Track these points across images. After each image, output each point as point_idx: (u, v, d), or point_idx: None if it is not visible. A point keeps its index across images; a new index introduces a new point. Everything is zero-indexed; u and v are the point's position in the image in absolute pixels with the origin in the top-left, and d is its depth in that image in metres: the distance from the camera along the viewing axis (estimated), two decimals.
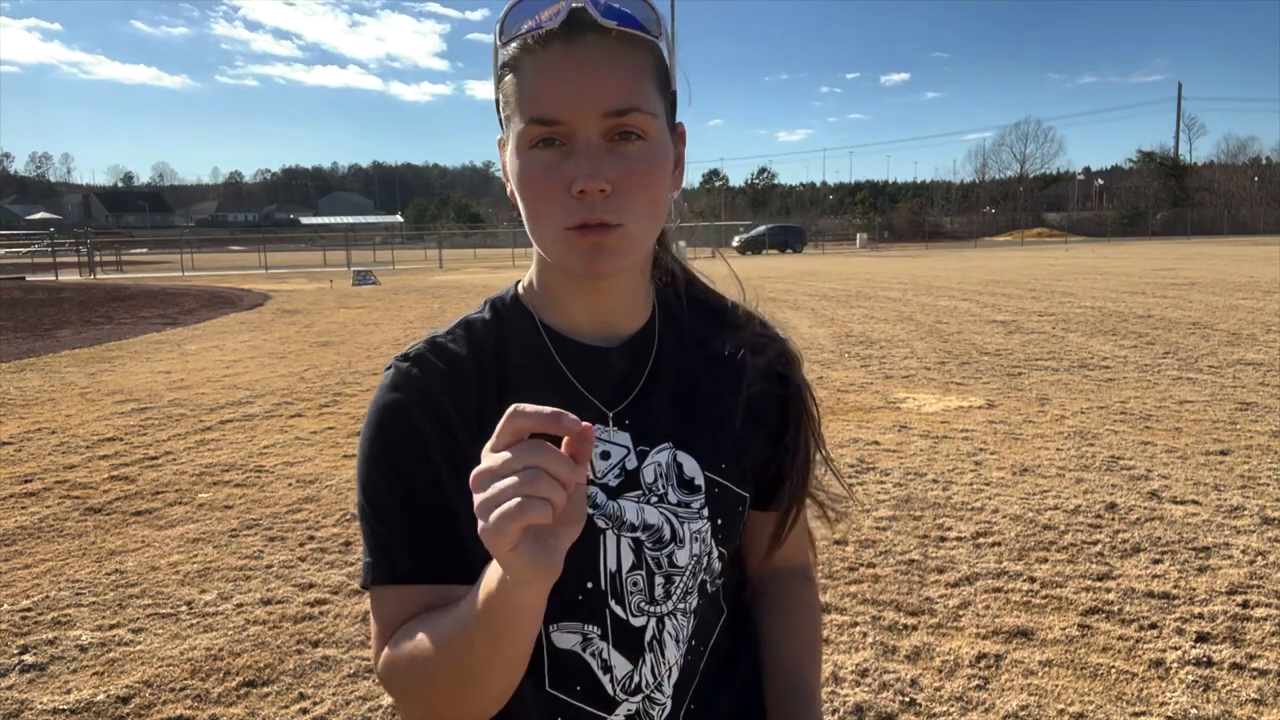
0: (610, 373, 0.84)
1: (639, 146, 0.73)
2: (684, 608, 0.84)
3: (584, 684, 0.82)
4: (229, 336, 12.02)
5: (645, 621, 0.82)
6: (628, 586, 0.81)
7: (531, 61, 0.73)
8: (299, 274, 30.62)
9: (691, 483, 0.84)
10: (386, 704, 2.70)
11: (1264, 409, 6.15)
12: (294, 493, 4.78)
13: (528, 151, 0.74)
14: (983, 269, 25.05)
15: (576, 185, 0.71)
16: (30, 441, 6.01)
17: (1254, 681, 2.71)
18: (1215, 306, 12.62)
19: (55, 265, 32.80)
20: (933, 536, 3.93)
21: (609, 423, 0.82)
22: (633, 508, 0.81)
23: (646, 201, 0.74)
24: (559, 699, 0.82)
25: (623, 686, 0.82)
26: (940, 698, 2.68)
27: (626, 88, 0.72)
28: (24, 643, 3.13)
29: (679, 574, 0.82)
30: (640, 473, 0.82)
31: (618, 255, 0.75)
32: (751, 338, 0.91)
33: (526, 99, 0.73)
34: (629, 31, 0.73)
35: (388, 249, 46.74)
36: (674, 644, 0.84)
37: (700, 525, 0.84)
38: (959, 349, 9.34)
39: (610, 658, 0.81)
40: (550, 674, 0.82)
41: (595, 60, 0.71)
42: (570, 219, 0.73)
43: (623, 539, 0.81)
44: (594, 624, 0.81)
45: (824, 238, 65.43)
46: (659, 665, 0.83)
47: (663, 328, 0.88)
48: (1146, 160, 74.47)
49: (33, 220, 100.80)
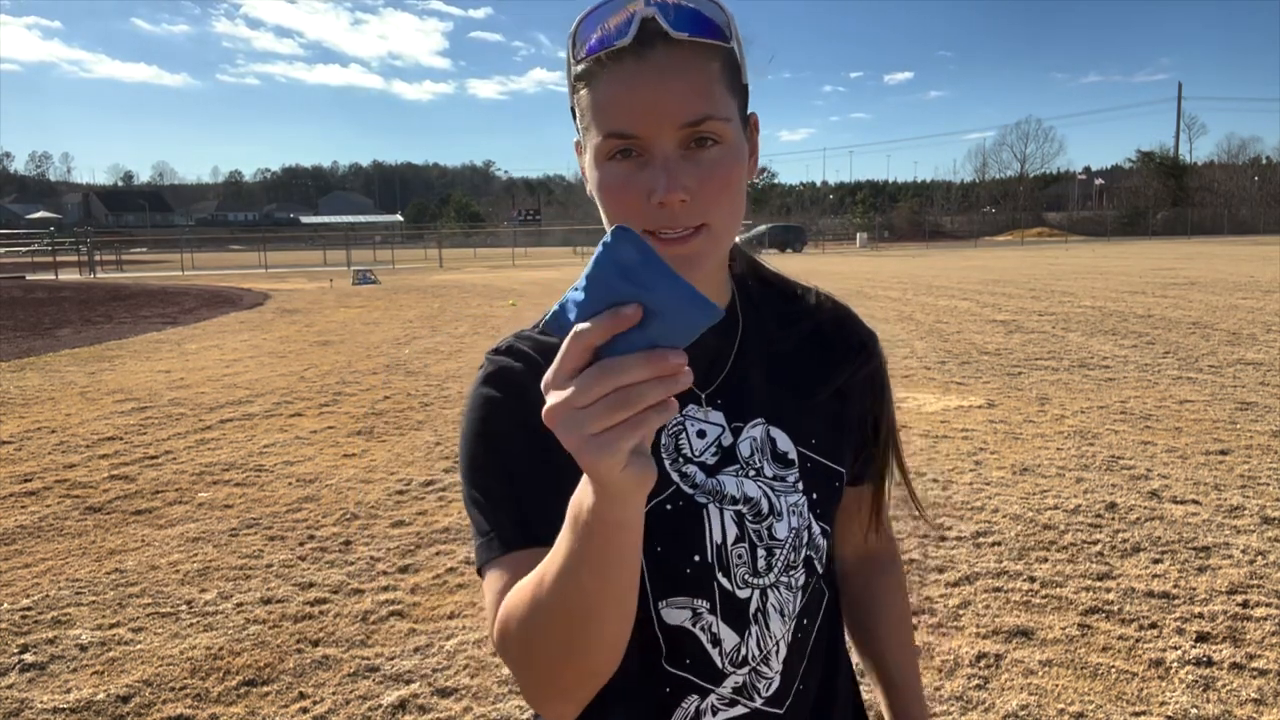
0: (701, 354, 0.85)
1: (715, 151, 0.74)
2: (787, 581, 0.85)
3: (694, 657, 0.84)
4: (229, 336, 12.02)
5: (750, 594, 0.84)
6: (733, 559, 0.83)
7: (605, 75, 0.73)
8: (299, 273, 30.62)
9: (785, 457, 0.86)
10: (386, 704, 2.70)
11: (1264, 409, 6.15)
12: (294, 492, 4.78)
13: (606, 163, 0.75)
14: (983, 268, 25.05)
15: (655, 197, 0.72)
16: (30, 441, 6.01)
17: (1254, 681, 2.71)
18: (1215, 306, 12.62)
19: (55, 264, 32.82)
20: (933, 536, 3.93)
21: (702, 403, 0.85)
22: (732, 481, 0.83)
23: (727, 200, 0.76)
24: (671, 673, 0.84)
25: (730, 659, 0.84)
26: (940, 697, 2.68)
27: (699, 97, 0.72)
28: (24, 642, 3.13)
29: (779, 547, 0.84)
30: (736, 448, 0.85)
31: (703, 258, 0.77)
32: (831, 315, 0.95)
33: (601, 113, 0.74)
34: (700, 40, 0.73)
35: (388, 248, 46.77)
36: (779, 618, 0.85)
37: (797, 499, 0.86)
38: (959, 348, 9.34)
39: (719, 630, 0.83)
40: (666, 650, 0.84)
41: (667, 72, 0.72)
42: (653, 224, 0.75)
43: (725, 512, 0.83)
44: (703, 598, 0.83)
45: (824, 237, 65.44)
46: (764, 638, 0.85)
47: (744, 308, 0.91)
48: (1146, 160, 74.51)
49: (32, 219, 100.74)
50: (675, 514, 0.82)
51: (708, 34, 0.73)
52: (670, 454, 0.83)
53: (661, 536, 0.81)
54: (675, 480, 0.83)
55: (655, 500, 0.81)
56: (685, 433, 0.84)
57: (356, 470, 5.18)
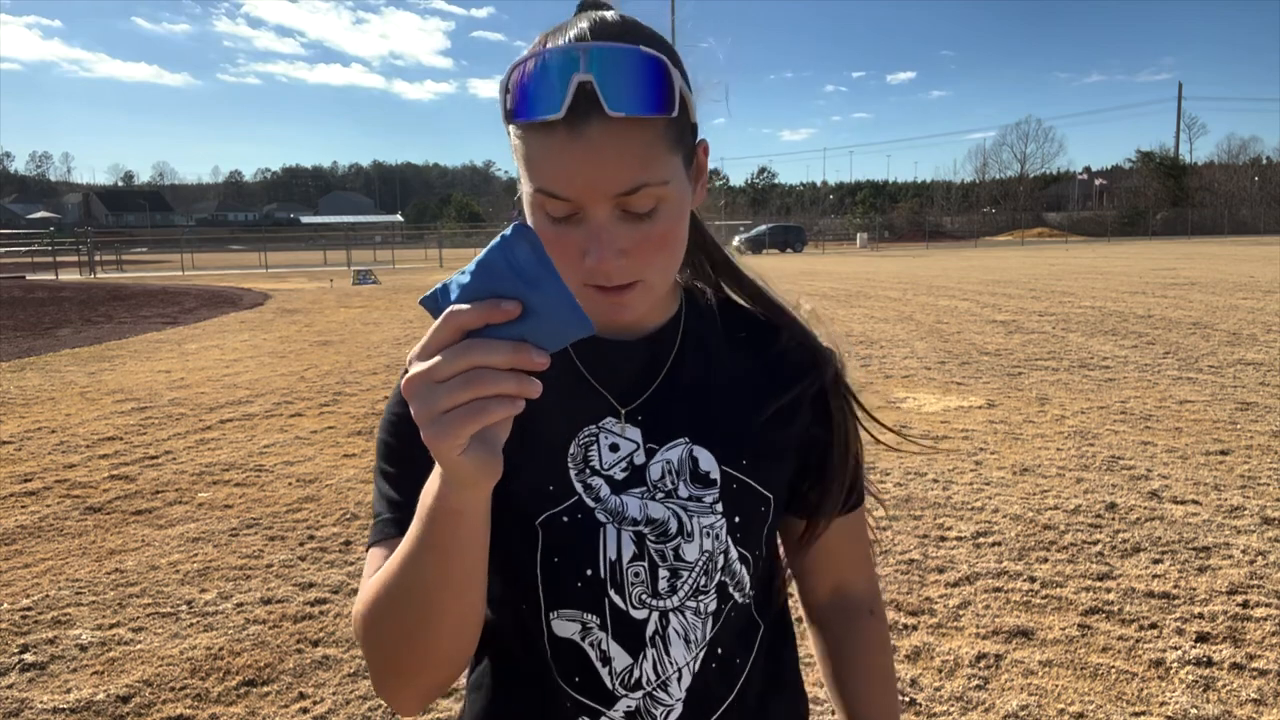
0: (626, 368, 0.84)
1: (652, 214, 0.71)
2: (695, 606, 0.81)
3: (582, 675, 0.81)
4: (229, 336, 12.02)
5: (647, 615, 0.80)
6: (628, 577, 0.80)
7: (535, 139, 0.69)
8: (299, 273, 30.61)
9: (706, 477, 0.82)
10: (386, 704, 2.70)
11: (1264, 409, 6.15)
12: (294, 492, 4.78)
13: (540, 213, 0.72)
14: (983, 269, 25.05)
15: (589, 260, 0.70)
16: (30, 441, 6.01)
17: (1254, 681, 2.71)
18: (1215, 306, 12.62)
19: (55, 264, 32.80)
20: (933, 536, 3.93)
21: (621, 418, 0.82)
22: (636, 504, 0.80)
23: (663, 258, 0.74)
24: (561, 688, 0.82)
25: (621, 681, 0.80)
26: (940, 697, 2.68)
27: (635, 168, 0.69)
28: (24, 642, 3.13)
29: (686, 569, 0.80)
30: (647, 469, 0.81)
31: (638, 306, 0.75)
32: (788, 337, 0.89)
33: (533, 169, 0.70)
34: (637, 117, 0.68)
35: (388, 248, 46.77)
36: (683, 643, 0.81)
37: (713, 520, 0.81)
38: (959, 349, 9.34)
39: (609, 649, 0.80)
40: (554, 663, 0.82)
41: (602, 149, 0.67)
42: (588, 279, 0.72)
43: (625, 531, 0.80)
44: (593, 613, 0.80)
45: (824, 237, 65.45)
46: (663, 663, 0.81)
47: (688, 325, 0.87)
48: (1146, 160, 74.50)
49: (33, 219, 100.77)
50: (572, 525, 0.79)
51: (649, 108, 0.67)
52: (578, 464, 0.81)
53: (557, 547, 0.79)
54: (579, 491, 0.80)
55: (554, 510, 0.79)
56: (597, 444, 0.81)
57: (356, 470, 5.18)
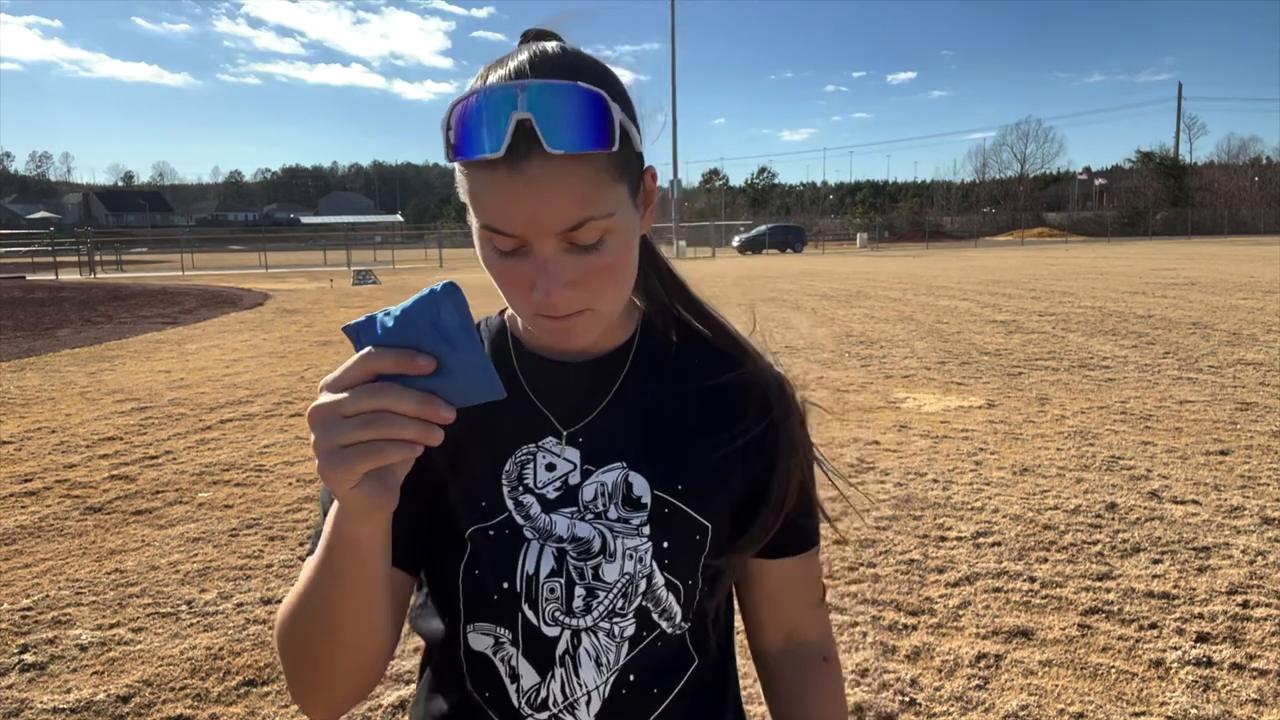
0: (573, 389, 0.84)
1: (599, 244, 0.71)
2: (609, 629, 0.79)
3: (492, 690, 0.81)
4: (229, 336, 12.02)
5: (559, 633, 0.79)
6: (544, 592, 0.79)
7: (478, 176, 0.69)
8: (299, 273, 30.62)
9: (638, 501, 0.81)
10: (386, 704, 2.70)
11: (1264, 409, 6.15)
12: (294, 492, 4.78)
13: (487, 245, 0.72)
14: (983, 269, 25.05)
15: (537, 293, 0.70)
16: (30, 441, 6.01)
17: (1254, 681, 2.71)
18: (1215, 306, 12.62)
19: (55, 264, 32.80)
20: (933, 536, 3.93)
21: (562, 439, 0.82)
22: (564, 522, 0.80)
23: (612, 285, 0.74)
24: (474, 700, 0.82)
25: (528, 699, 0.79)
26: (940, 698, 2.68)
27: (579, 204, 0.68)
28: (24, 642, 3.13)
29: (604, 589, 0.79)
30: (580, 490, 0.81)
31: (587, 333, 0.76)
32: (741, 366, 0.88)
33: (477, 205, 0.70)
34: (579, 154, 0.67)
35: (388, 248, 46.80)
36: (594, 666, 0.79)
37: (638, 543, 0.80)
38: (959, 349, 9.34)
39: (518, 665, 0.80)
40: (469, 675, 0.82)
41: (543, 186, 0.66)
42: (537, 310, 0.73)
43: (547, 547, 0.79)
44: (506, 627, 0.80)
45: (824, 237, 65.47)
46: (571, 684, 0.79)
47: (641, 349, 0.86)
48: (1146, 160, 74.51)
49: (33, 219, 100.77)
50: (496, 540, 0.79)
51: (589, 144, 0.66)
52: (512, 481, 0.81)
53: (480, 561, 0.79)
54: (509, 508, 0.80)
55: (483, 524, 0.79)
56: (534, 463, 0.81)
57: None
